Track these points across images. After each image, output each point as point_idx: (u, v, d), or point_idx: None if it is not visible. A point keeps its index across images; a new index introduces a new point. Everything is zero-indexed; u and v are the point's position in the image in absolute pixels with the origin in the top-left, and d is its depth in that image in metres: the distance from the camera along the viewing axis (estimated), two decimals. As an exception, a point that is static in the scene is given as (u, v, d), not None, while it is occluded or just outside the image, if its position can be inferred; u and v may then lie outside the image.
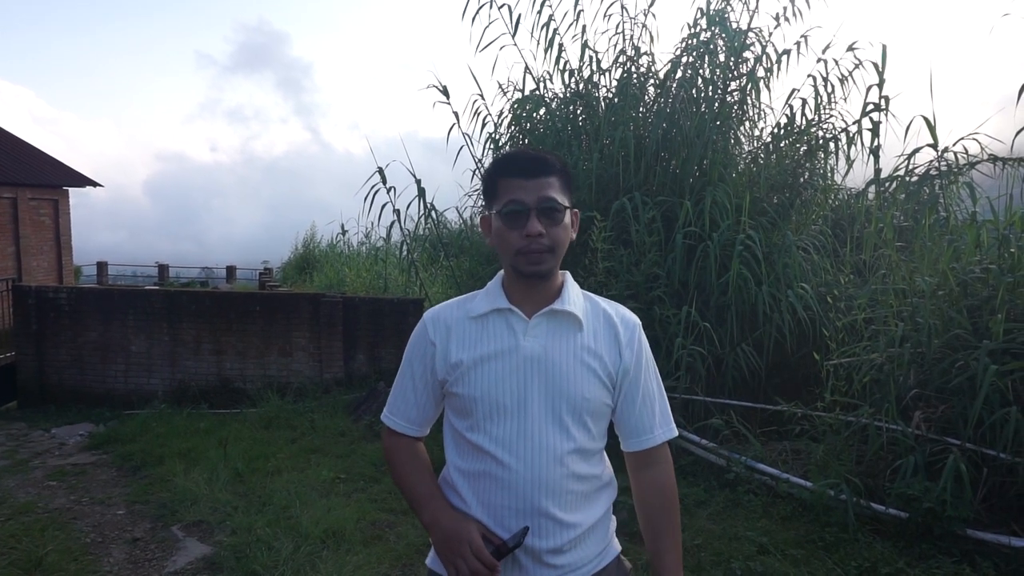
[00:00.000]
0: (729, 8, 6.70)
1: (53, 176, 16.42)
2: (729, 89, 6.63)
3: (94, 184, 17.20)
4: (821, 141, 6.55)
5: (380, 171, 7.16)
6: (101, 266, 23.86)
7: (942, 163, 5.39)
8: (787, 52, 6.52)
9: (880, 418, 4.15)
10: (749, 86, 6.52)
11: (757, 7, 6.64)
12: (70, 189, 16.83)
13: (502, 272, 1.52)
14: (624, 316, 1.51)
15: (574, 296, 1.48)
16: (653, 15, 6.94)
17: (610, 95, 6.98)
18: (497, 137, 7.35)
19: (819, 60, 6.45)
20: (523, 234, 1.37)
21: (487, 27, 6.92)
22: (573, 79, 7.14)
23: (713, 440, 4.94)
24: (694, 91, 6.53)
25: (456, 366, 1.44)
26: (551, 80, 7.26)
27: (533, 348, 1.41)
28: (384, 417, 1.57)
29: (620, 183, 6.05)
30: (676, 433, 1.54)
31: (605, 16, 7.07)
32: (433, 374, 1.48)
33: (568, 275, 1.52)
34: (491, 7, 6.90)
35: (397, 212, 7.26)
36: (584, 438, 1.43)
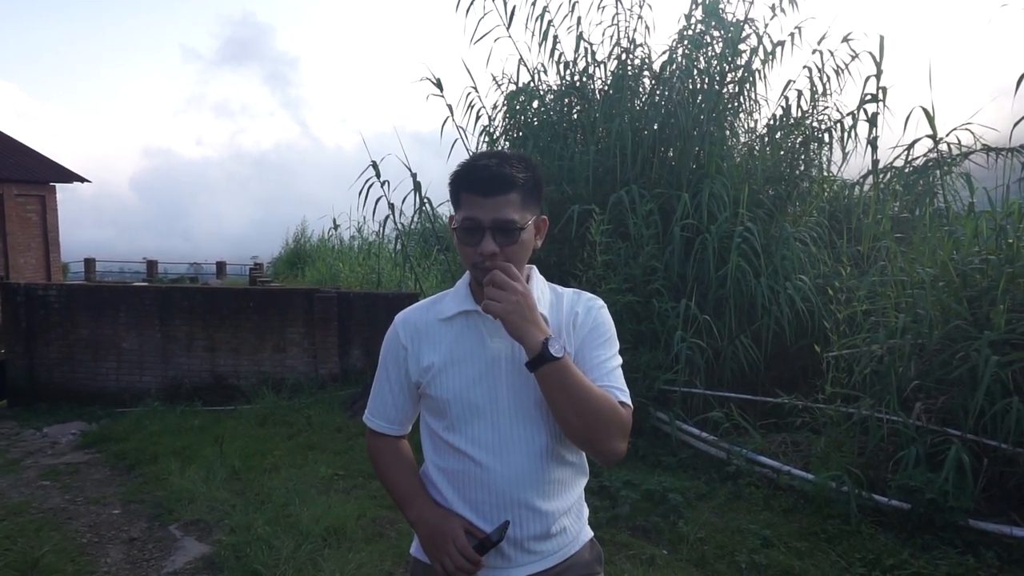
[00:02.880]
0: (725, -1, 6.66)
1: (40, 172, 16.20)
2: (725, 81, 6.60)
3: (81, 180, 17.00)
4: (817, 132, 6.54)
5: (374, 165, 7.09)
6: (89, 263, 23.62)
7: (937, 153, 5.39)
8: (782, 43, 6.50)
9: (881, 409, 4.15)
10: (745, 77, 6.50)
11: (753, -3, 6.60)
12: (57, 185, 16.63)
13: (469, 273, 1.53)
14: (586, 302, 1.53)
15: (539, 293, 1.49)
16: (649, 6, 6.89)
17: (606, 87, 6.94)
18: (492, 130, 7.30)
19: (814, 51, 6.44)
20: (477, 251, 1.38)
21: (481, 19, 6.85)
22: (568, 71, 7.09)
23: (713, 433, 4.94)
24: (690, 83, 6.50)
25: (428, 369, 1.48)
26: (546, 72, 7.22)
27: (499, 348, 1.44)
28: (366, 419, 1.61)
29: (617, 176, 6.02)
30: (628, 400, 1.46)
31: (600, 8, 7.02)
32: (407, 376, 1.52)
33: (534, 270, 1.53)
34: (485, -2, 6.83)
35: (392, 206, 7.19)
36: (558, 429, 1.45)
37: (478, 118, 7.28)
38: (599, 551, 1.61)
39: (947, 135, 5.50)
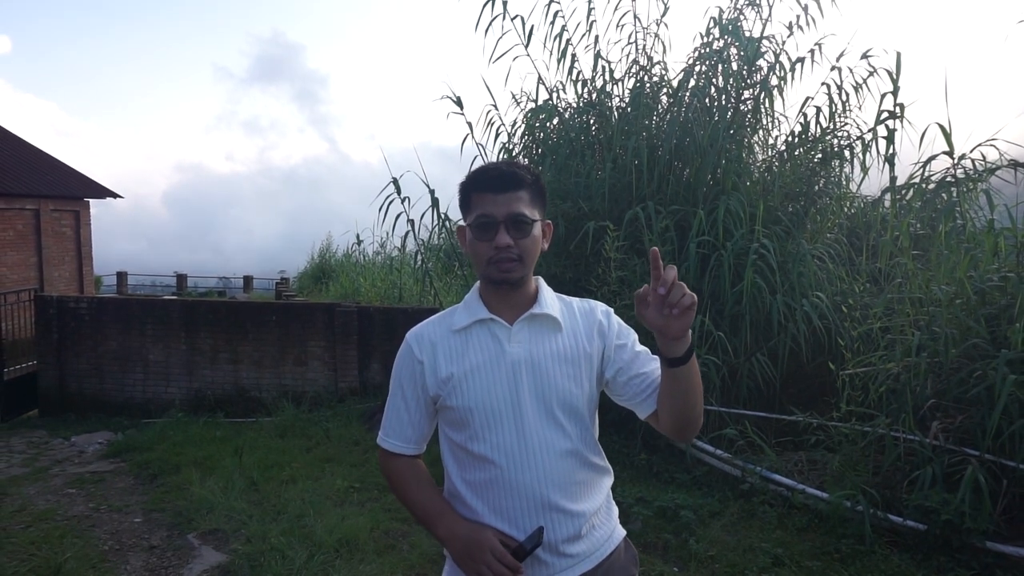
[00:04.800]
0: (742, 17, 6.70)
1: (74, 188, 16.69)
2: (742, 98, 6.61)
3: (114, 195, 17.46)
4: (836, 149, 6.51)
5: (395, 181, 7.19)
6: (121, 276, 24.16)
7: (959, 170, 5.34)
8: (801, 60, 6.50)
9: (897, 428, 4.11)
10: (762, 95, 6.51)
11: (770, 16, 6.64)
12: (91, 200, 17.09)
13: (478, 284, 1.58)
14: (598, 306, 1.60)
15: (550, 300, 1.55)
16: (665, 25, 6.94)
17: (623, 105, 6.99)
18: (511, 147, 7.37)
19: (833, 68, 6.43)
20: (492, 245, 1.44)
21: (500, 38, 6.95)
22: (586, 89, 7.15)
23: (728, 451, 4.91)
24: (707, 100, 6.53)
25: (447, 380, 1.49)
26: (564, 90, 7.28)
27: (519, 353, 1.48)
28: (380, 440, 1.60)
29: (633, 192, 6.05)
30: None
31: (618, 26, 7.08)
32: (424, 391, 1.53)
33: (541, 280, 1.58)
34: (504, 18, 6.94)
35: (411, 222, 7.28)
36: (580, 431, 1.51)
37: (497, 135, 7.37)
38: (634, 552, 1.63)
39: (971, 151, 5.45)
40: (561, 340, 1.51)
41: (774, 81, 6.51)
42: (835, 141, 6.52)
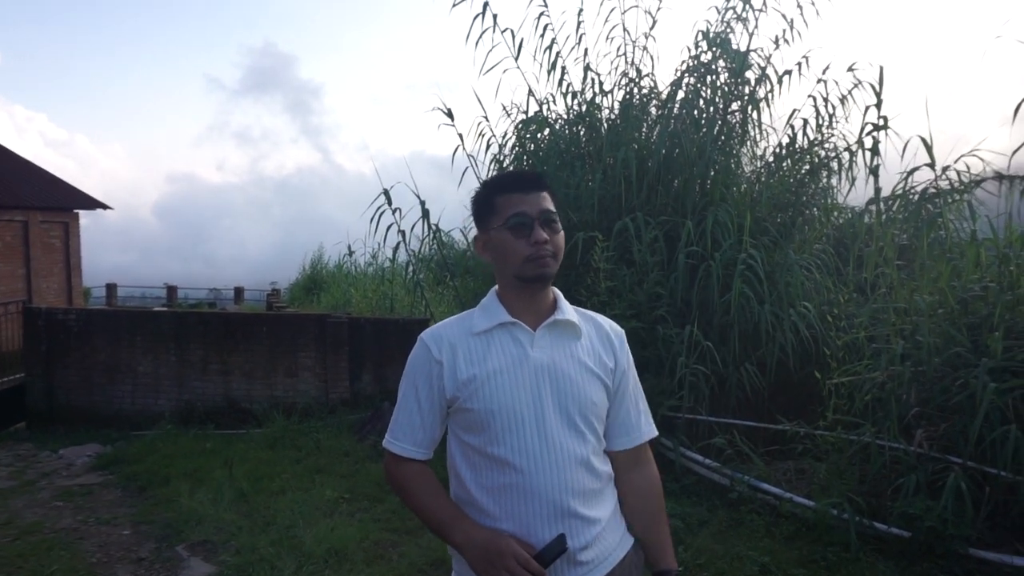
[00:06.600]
0: (729, 30, 6.79)
1: (64, 199, 16.60)
2: (730, 110, 6.70)
3: (104, 207, 17.38)
4: (824, 160, 6.59)
5: (385, 192, 7.22)
6: (110, 288, 24.04)
7: (942, 181, 5.41)
8: (788, 73, 6.59)
9: (882, 436, 4.15)
10: (750, 107, 6.59)
11: (756, 28, 6.73)
12: (81, 211, 17.02)
13: (495, 289, 1.59)
14: (612, 325, 1.64)
15: (569, 308, 1.58)
16: (654, 38, 7.03)
17: (612, 116, 7.06)
18: (501, 158, 7.42)
19: (819, 81, 6.52)
20: (530, 242, 1.46)
21: (490, 50, 7.02)
22: (575, 101, 7.22)
23: (716, 459, 4.94)
24: (696, 112, 6.61)
25: (468, 382, 1.47)
26: (554, 102, 7.35)
27: (542, 358, 1.49)
28: (388, 444, 1.55)
29: (622, 203, 6.11)
30: (656, 432, 1.66)
31: (607, 39, 7.17)
32: (440, 393, 1.50)
33: (556, 289, 1.61)
34: (494, 31, 7.01)
35: (402, 233, 7.30)
36: (595, 439, 1.53)
37: (488, 146, 7.42)
38: (642, 555, 1.63)
39: (955, 162, 5.52)
40: (581, 349, 1.53)
41: (761, 93, 6.61)
42: (822, 152, 6.61)
